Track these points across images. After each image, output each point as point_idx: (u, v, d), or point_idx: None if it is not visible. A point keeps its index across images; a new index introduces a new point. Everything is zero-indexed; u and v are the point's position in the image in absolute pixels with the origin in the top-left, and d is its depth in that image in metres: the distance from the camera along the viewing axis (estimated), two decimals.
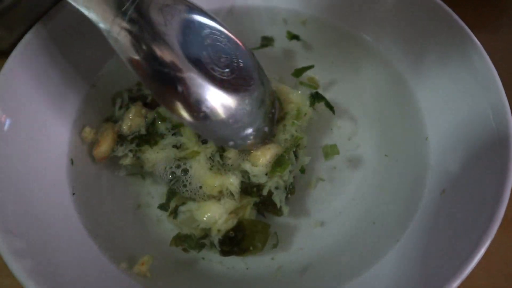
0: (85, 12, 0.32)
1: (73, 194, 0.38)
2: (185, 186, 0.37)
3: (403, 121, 0.42)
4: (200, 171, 0.37)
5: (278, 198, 0.37)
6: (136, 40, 0.32)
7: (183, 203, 0.37)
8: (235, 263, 0.37)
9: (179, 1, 0.35)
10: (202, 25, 0.36)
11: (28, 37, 0.37)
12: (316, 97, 0.42)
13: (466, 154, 0.35)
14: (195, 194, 0.37)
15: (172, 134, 0.39)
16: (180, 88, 0.32)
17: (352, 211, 0.40)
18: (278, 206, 0.37)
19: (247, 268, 0.37)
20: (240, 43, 0.38)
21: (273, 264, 0.38)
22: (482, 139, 0.34)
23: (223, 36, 0.37)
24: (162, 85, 0.33)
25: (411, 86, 0.42)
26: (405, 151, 0.41)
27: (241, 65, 0.37)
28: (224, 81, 0.34)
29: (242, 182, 0.37)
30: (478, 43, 0.36)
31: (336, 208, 0.40)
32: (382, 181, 0.40)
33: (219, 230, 0.35)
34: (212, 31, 0.36)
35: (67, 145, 0.40)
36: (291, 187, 0.38)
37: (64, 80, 0.40)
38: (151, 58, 0.32)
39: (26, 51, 0.37)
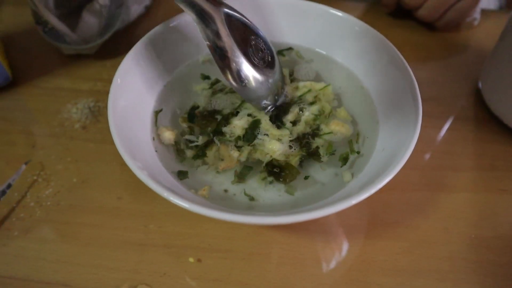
0: (195, 20, 0.53)
1: (153, 138, 0.58)
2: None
3: (365, 110, 0.64)
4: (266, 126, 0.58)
5: (322, 152, 0.57)
6: (214, 36, 0.53)
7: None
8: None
9: (243, 25, 0.56)
10: (252, 34, 0.57)
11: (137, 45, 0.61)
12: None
13: (396, 130, 0.56)
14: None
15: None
16: (233, 65, 0.53)
17: None
18: (322, 156, 0.56)
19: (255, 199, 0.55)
20: (271, 47, 0.59)
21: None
22: (409, 128, 0.53)
23: (262, 42, 0.58)
24: (223, 63, 0.53)
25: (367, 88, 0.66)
26: (367, 128, 0.62)
27: (270, 59, 0.58)
28: (258, 67, 0.55)
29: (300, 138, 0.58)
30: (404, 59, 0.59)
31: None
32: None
33: (271, 156, 0.57)
34: (257, 37, 0.57)
35: (150, 114, 0.62)
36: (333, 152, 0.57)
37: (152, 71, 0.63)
38: (221, 48, 0.53)
39: (135, 53, 0.60)
